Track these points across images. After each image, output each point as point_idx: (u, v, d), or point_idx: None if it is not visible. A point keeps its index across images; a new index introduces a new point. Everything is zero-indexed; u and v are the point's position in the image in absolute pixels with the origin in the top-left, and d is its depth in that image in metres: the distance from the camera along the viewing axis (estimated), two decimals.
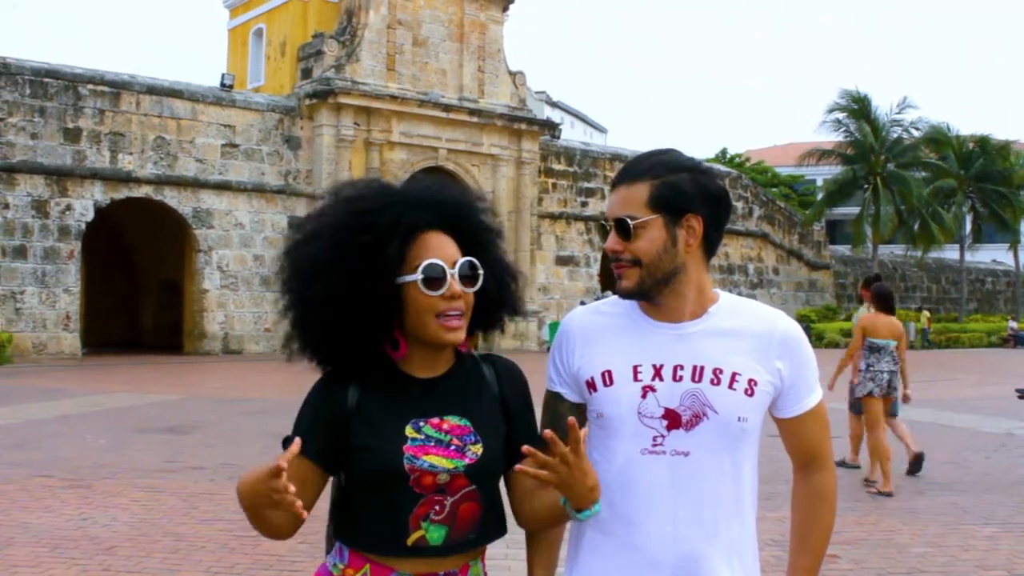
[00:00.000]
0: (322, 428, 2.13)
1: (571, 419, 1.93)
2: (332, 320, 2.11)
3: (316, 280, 2.11)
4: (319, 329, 2.14)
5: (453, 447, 2.10)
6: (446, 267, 2.09)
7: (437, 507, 2.09)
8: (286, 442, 2.08)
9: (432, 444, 2.09)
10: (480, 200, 2.27)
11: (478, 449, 2.11)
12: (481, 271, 2.14)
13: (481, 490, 2.12)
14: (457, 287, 2.09)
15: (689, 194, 2.12)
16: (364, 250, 2.08)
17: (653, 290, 2.14)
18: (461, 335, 2.14)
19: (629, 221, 2.11)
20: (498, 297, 2.23)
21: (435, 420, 2.12)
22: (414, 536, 2.09)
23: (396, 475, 2.07)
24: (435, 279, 2.08)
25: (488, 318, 2.25)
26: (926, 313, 42.14)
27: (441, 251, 2.11)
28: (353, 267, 2.08)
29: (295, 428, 2.15)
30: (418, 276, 2.08)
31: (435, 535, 2.09)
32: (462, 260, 2.12)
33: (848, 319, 44.65)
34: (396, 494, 2.08)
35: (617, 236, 2.14)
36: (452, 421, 2.13)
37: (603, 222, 2.21)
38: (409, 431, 2.10)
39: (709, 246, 2.18)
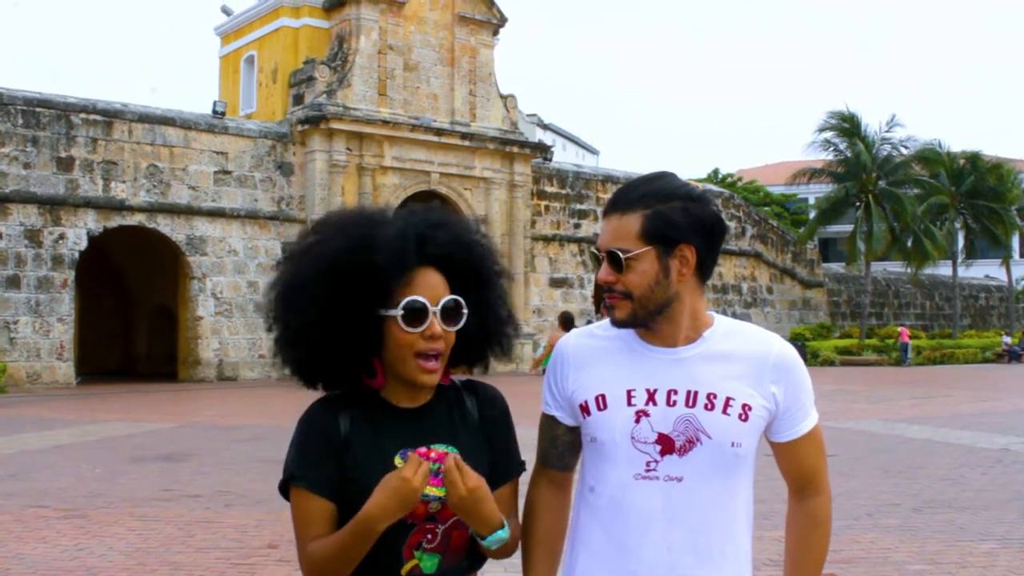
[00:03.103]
0: (327, 463, 2.11)
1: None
2: (310, 343, 2.12)
3: (296, 304, 2.12)
4: (298, 351, 2.15)
5: (441, 475, 2.10)
6: (429, 305, 2.08)
7: (429, 535, 2.10)
8: (287, 484, 2.11)
9: None
10: (478, 237, 2.24)
11: None
12: (465, 310, 2.13)
13: None
14: (438, 327, 2.09)
15: (681, 224, 2.09)
16: (350, 281, 2.07)
17: (646, 320, 2.14)
18: (436, 378, 2.13)
19: (621, 255, 2.10)
20: (476, 340, 2.22)
21: (422, 450, 2.10)
22: (408, 566, 2.09)
23: None
24: (416, 316, 2.07)
25: (469, 355, 2.25)
26: (896, 328, 41.74)
27: (427, 289, 2.10)
28: (336, 296, 2.08)
29: (299, 466, 2.12)
30: (398, 312, 2.07)
31: (428, 564, 2.10)
32: (446, 299, 2.11)
33: (842, 337, 44.81)
34: (390, 526, 2.07)
35: (609, 267, 2.13)
36: (439, 450, 2.11)
37: (595, 251, 2.19)
38: (398, 461, 2.10)
39: (704, 272, 2.17)
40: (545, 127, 70.39)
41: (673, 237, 2.10)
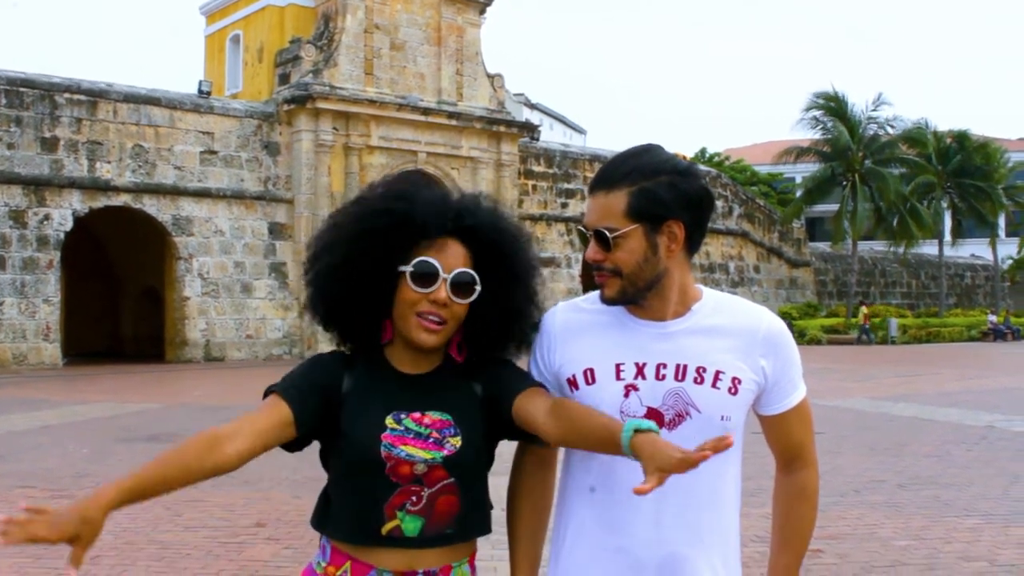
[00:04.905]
0: (313, 393, 2.14)
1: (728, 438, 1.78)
2: (336, 288, 2.17)
3: (329, 247, 2.19)
4: (326, 294, 2.21)
5: (432, 440, 2.11)
6: (440, 269, 2.10)
7: (414, 498, 2.10)
8: (268, 392, 2.15)
9: (411, 436, 2.11)
10: (518, 232, 2.26)
11: (457, 441, 2.12)
12: (478, 287, 2.14)
13: (461, 484, 2.13)
14: (445, 293, 2.10)
15: (667, 200, 2.07)
16: (381, 233, 2.12)
17: (636, 296, 2.12)
18: (435, 340, 2.14)
19: (608, 233, 2.08)
20: (491, 329, 2.21)
21: (416, 415, 2.13)
22: (389, 525, 2.10)
23: (373, 462, 2.09)
24: (425, 276, 2.10)
25: (484, 343, 2.24)
26: (864, 309, 41.73)
27: (446, 256, 2.12)
28: (366, 245, 2.13)
29: (285, 379, 2.17)
30: (409, 268, 2.10)
31: (411, 526, 2.10)
32: (460, 270, 2.12)
33: (829, 316, 44.95)
34: (373, 482, 2.09)
35: (597, 246, 2.11)
36: (433, 416, 2.14)
37: (582, 229, 2.16)
38: (389, 421, 2.12)
39: (692, 246, 2.15)
40: (532, 107, 70.26)
41: (660, 214, 2.07)
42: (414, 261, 2.10)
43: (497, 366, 2.24)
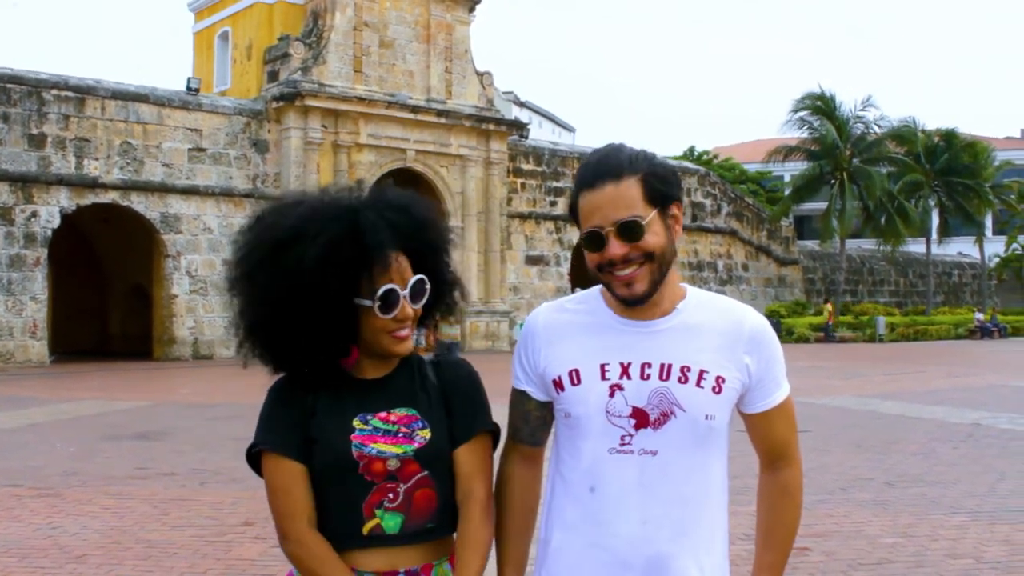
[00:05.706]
0: (293, 428, 2.17)
1: None
2: (288, 337, 2.14)
3: (273, 301, 2.13)
4: (275, 344, 2.18)
5: (401, 434, 2.15)
6: (400, 291, 2.13)
7: (391, 495, 2.13)
8: (253, 450, 2.17)
9: (380, 434, 2.14)
10: (430, 212, 2.30)
11: (426, 433, 2.16)
12: (429, 286, 2.20)
13: (435, 476, 2.16)
14: (409, 309, 2.15)
15: (672, 182, 2.11)
16: (323, 274, 2.08)
17: (656, 287, 2.10)
18: (409, 344, 2.20)
19: (640, 221, 2.05)
20: (434, 305, 2.30)
21: (382, 414, 2.17)
22: (369, 524, 2.13)
23: (346, 464, 2.11)
24: (390, 304, 2.12)
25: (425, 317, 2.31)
26: (828, 306, 41.74)
27: (397, 274, 2.14)
28: (312, 290, 2.09)
29: (266, 432, 2.18)
30: (375, 303, 2.11)
31: (391, 523, 2.13)
32: (413, 280, 2.16)
33: (817, 313, 45.06)
34: (348, 484, 2.12)
35: (620, 240, 2.06)
36: (399, 412, 2.18)
37: (597, 229, 2.08)
38: (357, 423, 2.15)
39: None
40: (521, 104, 70.23)
41: (668, 195, 2.10)
42: (379, 293, 2.11)
43: (461, 386, 2.27)
